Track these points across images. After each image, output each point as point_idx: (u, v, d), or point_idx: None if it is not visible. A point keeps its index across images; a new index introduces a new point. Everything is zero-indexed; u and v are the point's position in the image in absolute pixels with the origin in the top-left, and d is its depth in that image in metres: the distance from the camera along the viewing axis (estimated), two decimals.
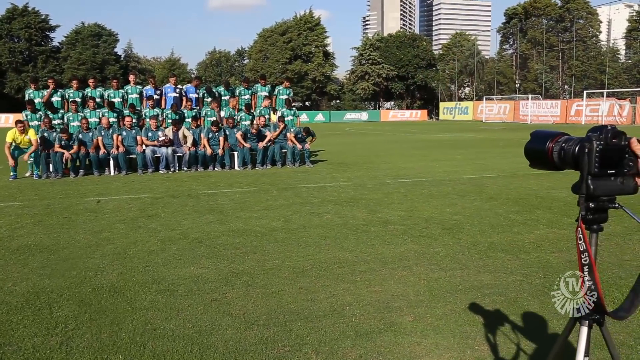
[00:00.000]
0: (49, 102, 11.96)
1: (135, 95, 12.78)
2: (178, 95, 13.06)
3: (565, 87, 58.32)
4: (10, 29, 55.07)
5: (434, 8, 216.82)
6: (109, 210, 7.13)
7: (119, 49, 63.35)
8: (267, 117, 13.09)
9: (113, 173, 11.39)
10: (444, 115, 59.00)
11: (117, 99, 12.52)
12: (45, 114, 11.49)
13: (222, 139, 12.02)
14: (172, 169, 11.68)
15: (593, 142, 1.29)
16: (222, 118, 12.94)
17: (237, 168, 12.20)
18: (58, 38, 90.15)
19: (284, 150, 12.66)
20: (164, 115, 12.56)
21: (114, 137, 11.44)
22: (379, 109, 65.08)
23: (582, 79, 53.95)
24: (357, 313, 3.44)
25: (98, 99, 12.37)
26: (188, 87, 13.58)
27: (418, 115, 58.68)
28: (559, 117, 41.70)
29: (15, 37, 55.82)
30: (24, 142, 10.85)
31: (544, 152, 1.40)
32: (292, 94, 14.29)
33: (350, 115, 55.68)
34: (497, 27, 67.71)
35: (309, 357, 2.87)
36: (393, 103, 72.97)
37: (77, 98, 12.19)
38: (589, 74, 53.80)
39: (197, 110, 12.91)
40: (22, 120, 11.05)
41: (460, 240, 5.26)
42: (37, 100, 11.86)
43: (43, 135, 11.05)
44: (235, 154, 12.24)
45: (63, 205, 7.55)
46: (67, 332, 3.21)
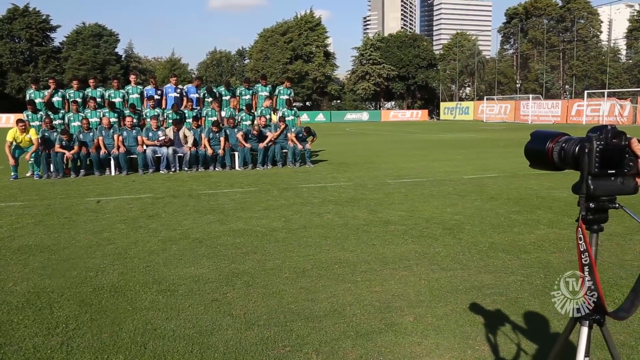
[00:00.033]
0: (50, 102, 11.96)
1: (136, 96, 12.79)
2: (179, 96, 13.07)
3: (566, 87, 58.30)
4: (11, 29, 55.14)
5: (435, 8, 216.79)
6: (110, 211, 7.13)
7: (120, 49, 63.52)
8: (268, 117, 13.09)
9: (114, 173, 11.40)
10: (445, 116, 59.00)
11: (117, 99, 12.53)
12: (46, 114, 11.49)
13: (222, 139, 12.02)
14: (172, 169, 11.69)
15: (593, 142, 1.28)
16: (222, 118, 12.94)
17: (237, 168, 12.21)
18: (59, 38, 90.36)
19: (285, 150, 12.66)
20: (165, 116, 12.57)
21: (115, 137, 11.45)
22: (380, 109, 65.08)
23: (583, 79, 53.91)
24: (357, 313, 3.44)
25: (99, 99, 12.38)
26: (189, 87, 13.58)
27: (419, 116, 58.67)
28: (560, 117, 41.69)
29: (16, 37, 55.89)
30: (25, 141, 10.85)
31: (544, 152, 1.39)
32: (292, 94, 14.29)
33: (351, 116, 55.69)
34: (497, 27, 67.82)
35: (310, 357, 2.87)
36: (394, 103, 72.98)
37: (77, 98, 12.19)
38: (590, 74, 53.77)
39: (197, 111, 12.91)
40: (23, 120, 11.05)
41: (461, 241, 5.26)
42: (37, 101, 11.86)
43: (44, 135, 11.05)
44: (236, 154, 12.25)
45: (64, 206, 7.55)
46: (67, 332, 3.21)
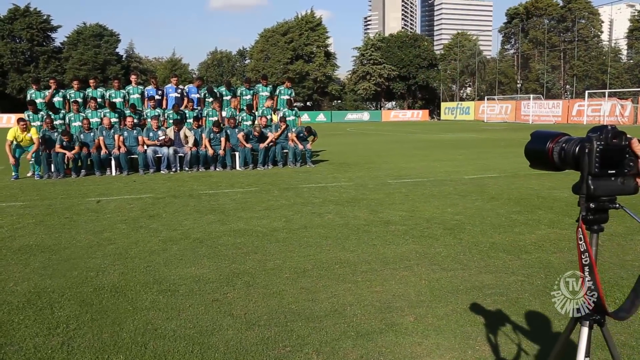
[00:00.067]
0: (51, 102, 11.96)
1: (137, 96, 12.79)
2: (179, 96, 13.07)
3: (567, 87, 58.28)
4: (12, 30, 55.21)
5: (436, 8, 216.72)
6: (111, 211, 7.14)
7: (121, 50, 63.55)
8: (269, 117, 13.08)
9: (114, 173, 11.41)
10: (446, 116, 58.99)
11: (118, 99, 12.53)
12: (47, 114, 11.50)
13: (223, 140, 12.02)
14: (173, 169, 11.69)
15: (593, 142, 1.28)
16: (223, 118, 12.94)
17: (238, 168, 12.21)
18: (60, 38, 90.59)
19: (286, 151, 12.66)
20: (166, 116, 12.57)
21: (116, 137, 11.45)
22: (381, 109, 65.10)
23: (583, 79, 53.89)
24: (358, 313, 3.44)
25: (99, 100, 12.38)
26: (190, 87, 13.58)
27: (419, 116, 58.65)
28: (561, 117, 41.66)
29: (17, 37, 55.97)
30: (26, 140, 10.85)
31: (545, 152, 1.39)
32: (293, 94, 14.30)
33: (352, 116, 55.69)
34: (498, 27, 67.81)
35: (310, 357, 2.87)
36: (394, 103, 72.98)
37: (78, 98, 12.20)
38: (591, 74, 53.74)
39: (198, 111, 12.92)
40: (24, 119, 11.05)
41: (462, 241, 5.25)
42: (38, 101, 11.86)
43: (45, 135, 11.05)
44: (237, 154, 12.25)
45: (64, 206, 7.56)
46: (68, 332, 3.21)
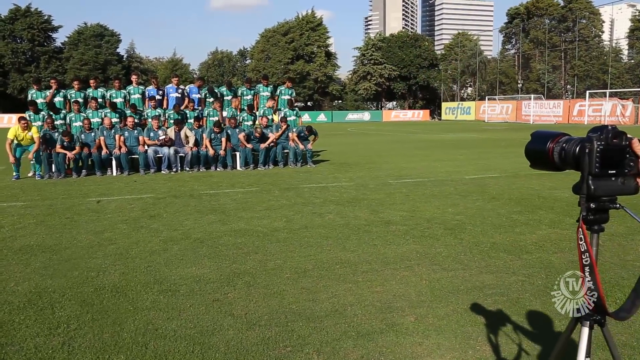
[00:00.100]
0: (52, 102, 11.97)
1: (138, 96, 12.79)
2: (180, 96, 13.07)
3: (568, 87, 58.23)
4: (13, 30, 55.27)
5: (436, 8, 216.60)
6: (111, 211, 7.14)
7: (122, 50, 63.58)
8: (270, 117, 13.08)
9: (115, 173, 11.41)
10: (446, 116, 58.97)
11: (119, 100, 12.54)
12: (48, 114, 11.50)
13: (224, 140, 12.03)
14: (174, 169, 11.69)
15: (594, 142, 1.28)
16: (224, 118, 12.95)
17: (239, 168, 12.21)
18: (61, 38, 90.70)
19: (286, 151, 12.66)
20: (166, 116, 12.58)
21: (116, 137, 11.46)
22: (381, 109, 65.08)
23: (584, 79, 53.84)
24: (358, 313, 3.44)
25: (100, 100, 12.39)
26: (191, 87, 13.58)
27: (420, 116, 58.63)
28: (562, 117, 41.63)
29: (18, 37, 56.02)
30: (26, 139, 10.85)
31: (545, 152, 1.39)
32: (294, 94, 14.29)
33: (353, 116, 55.69)
34: (499, 27, 67.79)
35: (311, 357, 2.87)
36: (395, 103, 72.97)
37: (79, 98, 12.20)
38: (592, 74, 53.69)
39: (199, 111, 12.92)
40: (25, 117, 11.05)
41: (463, 241, 5.25)
42: (39, 101, 11.87)
43: (45, 134, 11.05)
44: (237, 154, 12.25)
45: (65, 206, 7.56)
46: (69, 332, 3.21)
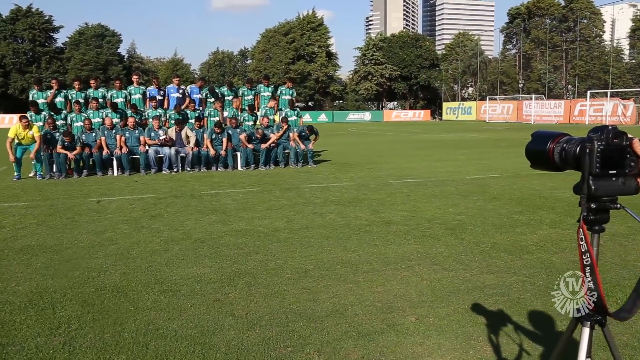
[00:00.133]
0: (53, 103, 11.98)
1: (139, 96, 12.80)
2: (181, 96, 13.07)
3: (569, 87, 58.16)
4: (14, 30, 55.34)
5: (437, 8, 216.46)
6: (112, 211, 7.14)
7: (123, 50, 63.58)
8: (271, 117, 13.08)
9: (116, 173, 11.42)
10: (447, 116, 58.93)
11: (120, 100, 12.55)
12: (49, 115, 11.51)
13: (225, 140, 12.03)
14: (175, 170, 11.70)
15: (594, 142, 1.28)
16: (225, 118, 12.95)
17: (240, 168, 12.22)
18: (62, 39, 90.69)
19: (287, 151, 12.66)
20: (167, 116, 12.58)
21: (117, 137, 11.47)
22: (382, 109, 65.06)
23: (585, 79, 53.78)
24: (359, 313, 3.44)
25: (100, 100, 12.40)
26: (192, 87, 13.59)
27: (421, 116, 58.62)
28: (563, 117, 41.59)
29: (19, 37, 56.10)
30: (27, 137, 10.85)
31: (545, 152, 1.39)
32: (295, 94, 14.29)
33: (353, 116, 55.68)
34: (500, 27, 67.72)
35: (311, 357, 2.87)
36: (396, 103, 72.94)
37: (80, 99, 12.21)
38: (593, 74, 53.63)
39: (200, 111, 12.92)
40: (26, 116, 11.05)
41: (463, 241, 5.25)
42: (40, 101, 11.88)
43: (46, 134, 11.05)
44: (238, 154, 12.26)
45: (66, 206, 7.57)
46: (70, 332, 3.22)
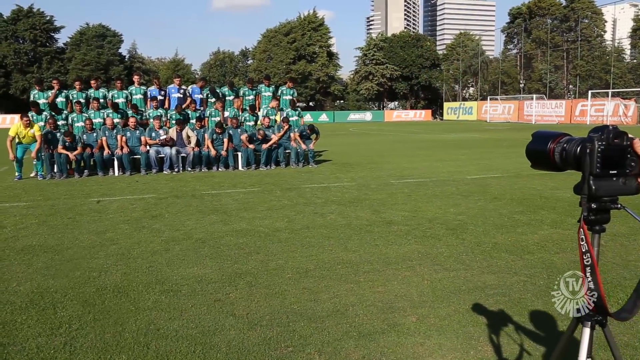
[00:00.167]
0: (54, 103, 11.99)
1: (140, 96, 12.81)
2: (182, 96, 13.08)
3: (570, 87, 58.13)
4: (16, 30, 55.41)
5: (438, 8, 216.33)
6: (113, 211, 7.15)
7: (124, 50, 63.67)
8: (272, 117, 13.08)
9: (117, 173, 11.43)
10: (448, 116, 58.90)
11: (120, 100, 12.55)
12: (51, 115, 11.52)
13: (226, 140, 12.03)
14: (176, 170, 11.70)
15: (595, 142, 1.28)
16: (226, 118, 12.95)
17: (240, 168, 12.22)
18: (63, 39, 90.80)
19: (288, 151, 12.66)
20: (168, 116, 12.59)
21: (118, 137, 11.47)
22: (383, 109, 65.05)
23: (586, 79, 53.75)
24: (360, 313, 3.44)
25: (101, 100, 12.40)
26: (193, 87, 13.60)
27: (422, 116, 58.59)
28: (564, 117, 41.55)
29: (20, 38, 56.18)
30: (28, 136, 10.86)
31: (546, 152, 1.39)
32: (295, 94, 14.29)
33: (354, 116, 55.68)
34: (501, 27, 67.71)
35: (312, 357, 2.87)
36: (397, 103, 72.92)
37: (81, 99, 12.22)
38: (594, 74, 53.61)
39: (201, 111, 12.92)
40: (27, 115, 11.06)
41: (464, 241, 5.25)
42: (41, 102, 11.89)
43: (47, 134, 11.05)
44: (239, 155, 12.26)
45: (67, 206, 7.58)
46: (70, 332, 3.22)
